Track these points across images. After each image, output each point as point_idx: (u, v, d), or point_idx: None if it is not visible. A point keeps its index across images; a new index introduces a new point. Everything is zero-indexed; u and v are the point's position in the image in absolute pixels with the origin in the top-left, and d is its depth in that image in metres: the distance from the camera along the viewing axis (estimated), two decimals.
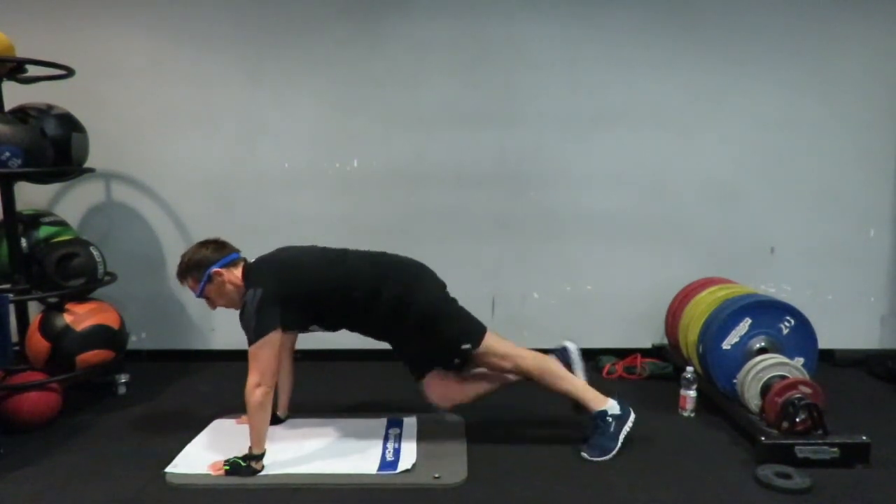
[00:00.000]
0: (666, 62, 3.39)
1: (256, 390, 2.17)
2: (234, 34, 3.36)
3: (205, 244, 2.39)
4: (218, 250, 2.37)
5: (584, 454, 2.33)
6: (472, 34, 3.37)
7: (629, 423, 2.39)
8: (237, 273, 2.35)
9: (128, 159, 3.42)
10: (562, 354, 2.53)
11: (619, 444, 2.36)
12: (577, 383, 2.43)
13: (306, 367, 2.77)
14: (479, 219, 3.49)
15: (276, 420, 2.61)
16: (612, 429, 2.36)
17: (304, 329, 2.46)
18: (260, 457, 2.24)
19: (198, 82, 3.39)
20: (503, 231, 3.50)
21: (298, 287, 2.30)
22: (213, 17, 3.34)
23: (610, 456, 2.33)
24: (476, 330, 2.41)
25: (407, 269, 2.45)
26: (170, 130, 3.42)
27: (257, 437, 2.23)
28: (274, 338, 2.20)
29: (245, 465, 2.22)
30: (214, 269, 2.32)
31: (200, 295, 2.36)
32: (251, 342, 2.19)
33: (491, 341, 2.41)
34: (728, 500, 2.08)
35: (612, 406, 2.40)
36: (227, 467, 2.22)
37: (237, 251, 2.42)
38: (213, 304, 2.40)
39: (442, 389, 2.46)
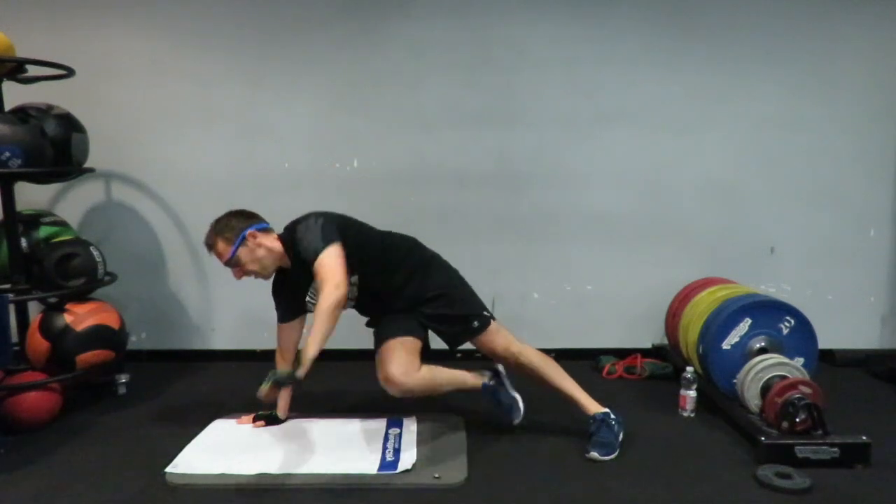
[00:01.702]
0: (666, 62, 3.39)
1: (336, 291, 2.16)
2: (234, 34, 3.35)
3: (235, 212, 2.43)
4: (250, 217, 2.43)
5: (594, 454, 2.32)
6: (472, 34, 3.37)
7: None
8: (272, 237, 2.42)
9: (128, 159, 3.42)
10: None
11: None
12: (575, 385, 2.49)
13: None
14: (479, 219, 3.49)
15: (275, 420, 2.62)
16: (615, 429, 2.41)
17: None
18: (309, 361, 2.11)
19: (198, 82, 3.39)
20: (503, 231, 3.49)
21: (352, 232, 2.42)
22: (213, 17, 3.34)
23: (615, 454, 2.35)
24: (486, 310, 2.52)
25: None
26: (170, 130, 3.42)
27: (321, 340, 2.13)
28: (338, 249, 2.25)
29: (287, 374, 2.16)
30: (249, 230, 2.37)
31: (232, 257, 2.34)
32: (318, 252, 2.23)
33: (496, 328, 2.51)
34: (728, 500, 2.08)
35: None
36: (268, 382, 2.11)
37: (266, 223, 2.47)
38: (241, 271, 2.38)
39: (403, 359, 2.31)
